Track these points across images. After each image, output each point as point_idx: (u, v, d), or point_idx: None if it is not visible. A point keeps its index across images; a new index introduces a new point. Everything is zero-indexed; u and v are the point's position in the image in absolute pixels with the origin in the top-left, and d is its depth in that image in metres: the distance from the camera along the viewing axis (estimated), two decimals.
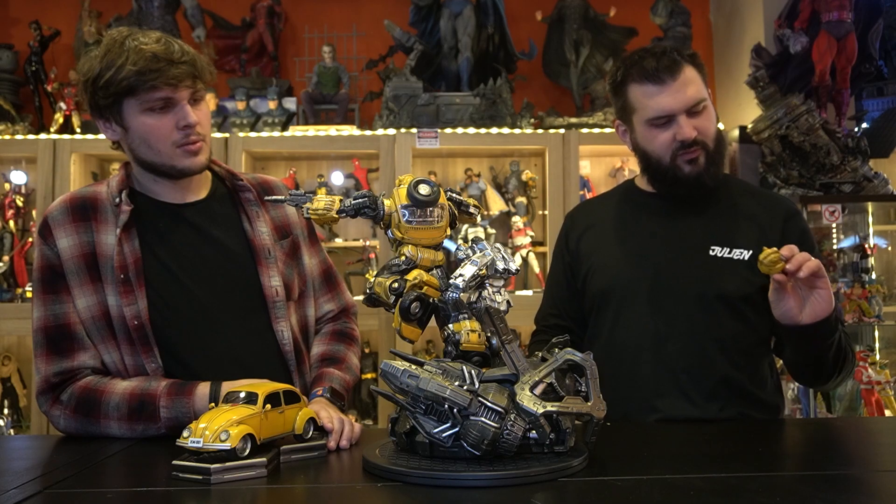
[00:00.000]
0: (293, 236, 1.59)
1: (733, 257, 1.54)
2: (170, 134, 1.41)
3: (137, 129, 1.43)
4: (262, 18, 3.51)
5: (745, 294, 1.52)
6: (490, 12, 3.34)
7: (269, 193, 1.58)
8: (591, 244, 1.69)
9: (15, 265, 3.22)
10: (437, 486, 0.97)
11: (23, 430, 3.16)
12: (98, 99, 1.41)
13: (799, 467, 1.14)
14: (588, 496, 0.97)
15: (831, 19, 2.97)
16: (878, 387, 2.76)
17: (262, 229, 1.53)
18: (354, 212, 1.12)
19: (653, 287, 1.56)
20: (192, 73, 1.40)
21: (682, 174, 1.56)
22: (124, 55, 1.36)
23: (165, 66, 1.36)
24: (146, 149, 1.44)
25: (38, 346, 1.41)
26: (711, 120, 1.58)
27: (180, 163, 1.44)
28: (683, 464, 1.14)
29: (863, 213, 3.18)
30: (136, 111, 1.41)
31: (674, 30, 3.32)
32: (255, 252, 1.50)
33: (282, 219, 1.59)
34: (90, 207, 1.46)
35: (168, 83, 1.37)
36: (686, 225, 1.60)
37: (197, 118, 1.42)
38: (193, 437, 1.03)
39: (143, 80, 1.36)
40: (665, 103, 1.54)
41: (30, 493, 0.96)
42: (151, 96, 1.38)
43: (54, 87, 3.38)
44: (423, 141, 3.12)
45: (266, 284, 1.49)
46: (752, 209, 1.60)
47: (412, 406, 1.01)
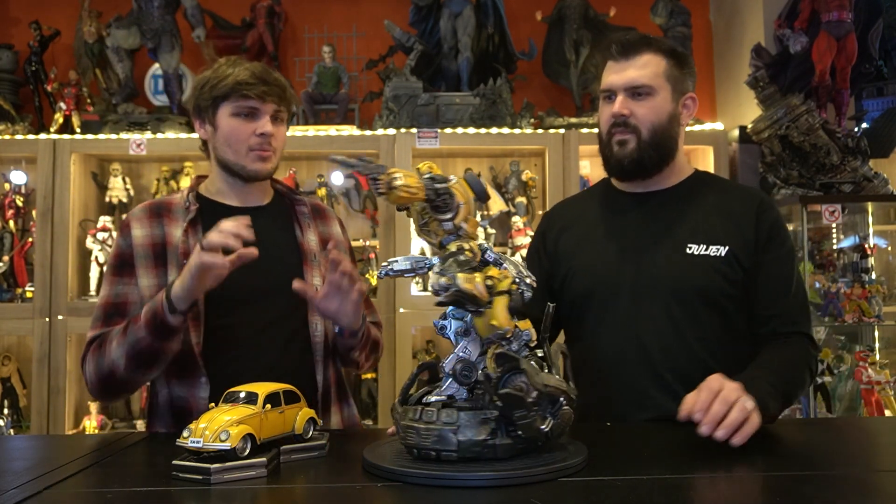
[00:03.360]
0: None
1: (710, 254, 1.54)
2: (248, 138, 1.67)
3: (223, 129, 1.68)
4: (262, 18, 3.51)
5: (724, 290, 1.53)
6: (490, 12, 3.34)
7: (321, 216, 1.86)
8: (569, 246, 1.69)
9: (15, 265, 3.22)
10: (437, 486, 0.97)
11: (23, 430, 3.16)
12: (199, 100, 1.70)
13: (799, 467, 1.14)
14: (588, 496, 0.97)
15: (831, 19, 2.97)
16: (878, 387, 2.75)
17: (310, 237, 1.77)
18: (435, 196, 1.05)
19: (633, 287, 1.57)
20: (279, 94, 1.68)
21: (611, 154, 1.61)
22: (231, 69, 1.66)
23: (259, 83, 1.65)
24: (226, 148, 1.69)
25: (96, 319, 1.65)
26: (654, 111, 1.57)
27: (251, 165, 1.68)
28: (683, 464, 1.14)
29: (863, 213, 3.18)
30: (226, 113, 1.67)
31: (674, 30, 3.31)
32: (303, 255, 1.74)
33: (327, 233, 1.84)
34: (164, 209, 1.73)
35: (257, 96, 1.65)
36: (663, 223, 1.60)
37: (273, 132, 1.68)
38: (193, 437, 1.03)
39: (238, 89, 1.64)
40: (610, 78, 1.60)
41: (30, 493, 0.96)
42: (241, 103, 1.65)
43: (54, 87, 3.38)
44: (423, 141, 3.12)
45: (309, 282, 1.69)
46: (728, 204, 1.60)
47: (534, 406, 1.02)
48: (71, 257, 3.10)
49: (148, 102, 3.49)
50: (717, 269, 1.53)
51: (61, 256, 3.07)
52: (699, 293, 1.53)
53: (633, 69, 1.57)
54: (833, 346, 3.05)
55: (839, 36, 2.97)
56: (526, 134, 3.19)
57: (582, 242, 1.68)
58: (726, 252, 1.53)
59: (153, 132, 3.22)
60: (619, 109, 1.57)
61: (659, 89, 1.57)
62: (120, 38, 3.28)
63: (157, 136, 3.19)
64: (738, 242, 1.54)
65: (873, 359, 2.86)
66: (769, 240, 1.54)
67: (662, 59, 1.58)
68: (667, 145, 1.60)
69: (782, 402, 1.37)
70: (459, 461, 1.02)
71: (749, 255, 1.53)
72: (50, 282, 3.06)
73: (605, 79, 1.62)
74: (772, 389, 1.32)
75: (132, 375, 1.54)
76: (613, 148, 1.59)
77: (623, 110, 1.57)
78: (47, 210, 3.08)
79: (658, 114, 1.57)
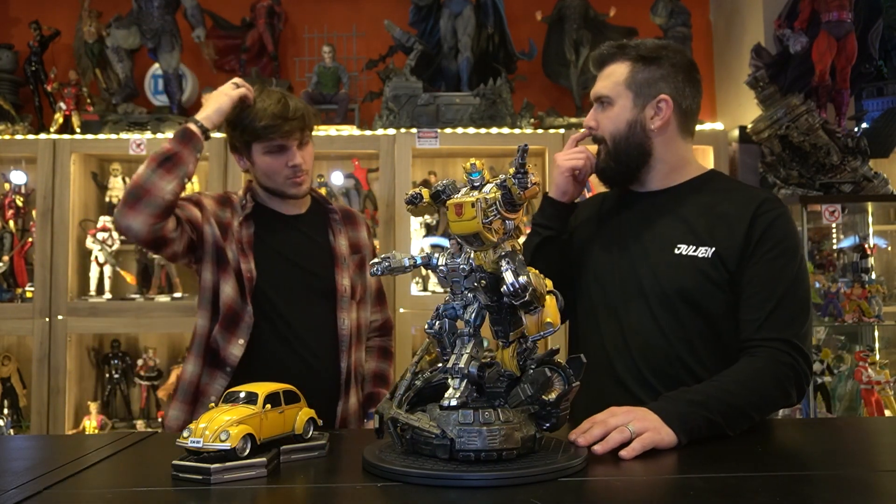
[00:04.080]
0: (362, 254, 2.06)
1: (697, 255, 1.50)
2: (282, 170, 1.91)
3: (260, 165, 1.94)
4: (262, 18, 3.51)
5: (707, 292, 1.50)
6: (490, 12, 3.34)
7: (351, 222, 2.08)
8: (574, 242, 1.73)
9: (15, 265, 3.22)
10: (437, 486, 0.97)
11: (23, 430, 3.16)
12: (234, 140, 1.96)
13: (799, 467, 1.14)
14: (588, 496, 0.97)
15: (831, 19, 2.97)
16: (878, 387, 2.76)
17: (342, 242, 2.02)
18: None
19: (622, 287, 1.57)
20: (301, 126, 1.91)
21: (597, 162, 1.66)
22: (256, 113, 1.88)
23: (281, 122, 1.87)
24: (266, 178, 1.95)
25: None
26: (612, 120, 1.60)
27: (288, 190, 1.95)
28: (683, 464, 1.14)
29: (863, 213, 3.18)
30: (259, 152, 1.92)
31: (674, 30, 3.31)
32: (335, 257, 1.98)
33: (356, 239, 2.06)
34: (226, 199, 1.99)
35: (282, 136, 1.88)
36: (658, 224, 1.60)
37: (302, 159, 1.92)
38: (193, 437, 1.03)
39: (265, 132, 1.88)
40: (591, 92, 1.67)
41: (30, 493, 0.96)
42: (270, 143, 1.89)
43: (54, 87, 3.38)
44: (422, 141, 3.12)
45: (339, 282, 1.96)
46: (725, 206, 1.56)
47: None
48: (71, 257, 3.10)
49: (148, 102, 3.49)
50: (702, 270, 1.50)
51: (61, 256, 3.07)
52: (682, 294, 1.51)
53: (600, 81, 1.63)
54: (833, 346, 3.05)
55: (839, 36, 2.97)
56: (526, 134, 3.19)
57: (584, 242, 1.70)
58: (712, 253, 1.50)
59: (153, 132, 3.22)
60: (587, 122, 1.64)
61: (617, 98, 1.59)
62: (120, 38, 3.28)
63: (157, 136, 3.19)
64: (726, 244, 1.50)
65: (873, 359, 2.86)
66: (760, 242, 1.49)
67: (627, 65, 1.59)
68: (630, 153, 1.60)
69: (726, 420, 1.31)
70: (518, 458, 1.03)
71: (736, 258, 1.49)
72: (50, 282, 3.06)
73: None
74: (693, 409, 1.29)
75: (151, 177, 1.75)
76: (600, 156, 1.65)
77: (590, 122, 1.64)
78: (47, 210, 3.08)
79: (616, 122, 1.60)
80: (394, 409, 1.09)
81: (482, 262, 1.08)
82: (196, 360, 1.90)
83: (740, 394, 1.36)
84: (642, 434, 1.21)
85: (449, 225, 1.04)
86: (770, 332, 1.44)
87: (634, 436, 1.20)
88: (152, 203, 1.74)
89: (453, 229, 1.04)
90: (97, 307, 3.10)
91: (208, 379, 1.87)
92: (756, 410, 1.37)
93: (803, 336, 1.46)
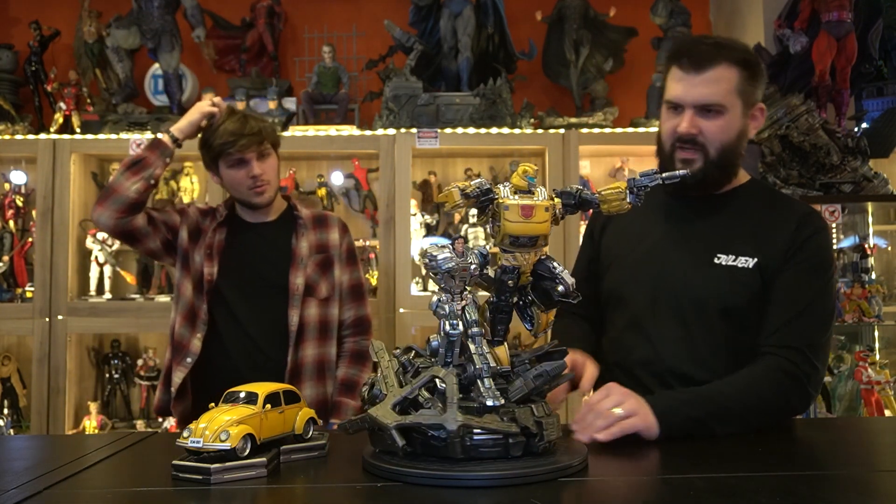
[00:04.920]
0: (328, 254, 2.23)
1: (737, 265, 1.48)
2: (244, 181, 2.15)
3: (225, 178, 2.19)
4: (262, 18, 3.51)
5: (744, 303, 1.48)
6: (490, 12, 3.34)
7: (322, 225, 2.26)
8: (610, 239, 1.69)
9: (15, 265, 3.22)
10: (437, 486, 0.97)
11: (23, 430, 3.16)
12: (205, 159, 2.22)
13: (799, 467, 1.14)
14: (588, 496, 0.98)
15: (831, 19, 2.97)
16: (878, 387, 2.76)
17: (303, 244, 2.20)
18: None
19: (655, 293, 1.55)
20: (257, 140, 2.14)
21: (673, 169, 1.50)
22: (215, 132, 2.15)
23: (237, 138, 2.11)
24: (233, 190, 2.21)
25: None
26: (724, 129, 1.49)
27: (252, 199, 2.18)
28: (683, 464, 1.14)
29: (863, 213, 3.18)
30: (224, 167, 2.17)
31: (674, 30, 3.31)
32: (292, 258, 2.18)
33: (324, 241, 2.24)
34: (209, 210, 2.27)
35: (239, 150, 2.12)
36: (697, 230, 1.56)
37: (261, 170, 2.15)
38: (193, 437, 1.03)
39: (224, 148, 2.13)
40: (677, 90, 1.51)
41: (30, 493, 0.96)
42: (230, 157, 2.14)
43: (54, 87, 3.38)
44: (422, 141, 3.12)
45: (291, 280, 2.15)
46: (767, 216, 1.52)
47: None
48: (71, 257, 3.10)
49: (148, 102, 3.49)
50: (741, 281, 1.47)
51: (61, 256, 3.07)
52: (717, 305, 1.48)
53: (704, 85, 1.48)
54: (833, 346, 3.05)
55: (839, 36, 2.97)
56: (526, 134, 3.19)
57: (620, 239, 1.66)
58: (754, 264, 1.47)
59: (153, 132, 3.21)
60: (688, 129, 1.49)
61: (731, 107, 1.49)
62: (120, 38, 3.28)
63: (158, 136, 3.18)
64: (768, 256, 1.47)
65: (873, 359, 2.86)
66: (795, 253, 1.47)
67: (735, 71, 1.49)
68: (733, 163, 1.54)
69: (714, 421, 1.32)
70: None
71: (773, 269, 1.47)
72: (50, 282, 3.06)
73: (671, 88, 1.53)
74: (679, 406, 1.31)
75: (120, 178, 2.08)
76: (676, 165, 1.51)
77: (692, 129, 1.49)
78: (47, 210, 3.08)
79: (728, 132, 1.50)
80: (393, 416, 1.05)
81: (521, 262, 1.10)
82: (169, 349, 2.19)
83: (733, 397, 1.36)
84: (628, 418, 1.24)
85: (504, 225, 1.06)
86: (784, 340, 1.43)
87: (620, 418, 1.24)
88: (118, 200, 2.07)
89: (512, 230, 1.06)
90: (97, 307, 3.10)
91: (176, 367, 2.12)
92: (750, 414, 1.36)
93: (817, 348, 1.44)
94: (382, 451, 1.08)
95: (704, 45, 1.50)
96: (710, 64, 1.48)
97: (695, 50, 1.50)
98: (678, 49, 1.54)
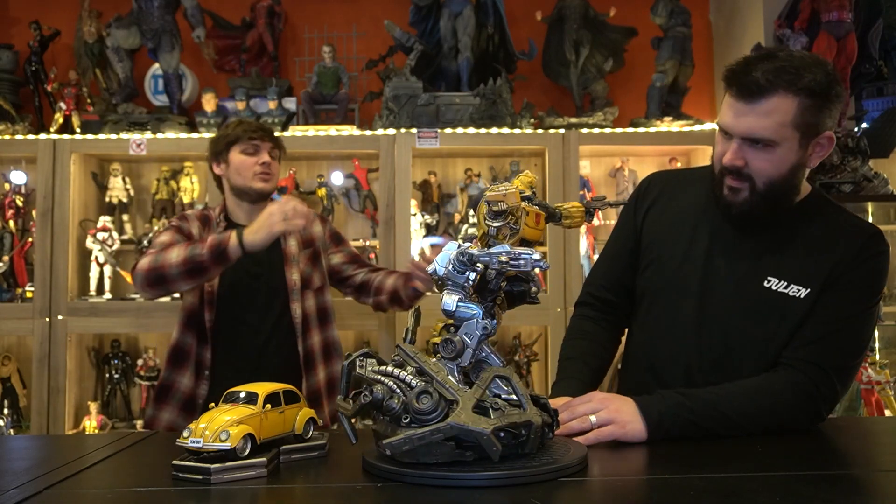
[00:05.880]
0: (315, 247, 2.40)
1: (788, 293, 1.39)
2: (252, 167, 2.30)
3: (234, 163, 2.31)
4: (262, 18, 3.51)
5: (787, 333, 1.40)
6: (490, 12, 3.34)
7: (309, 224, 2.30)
8: (656, 229, 1.59)
9: (15, 265, 3.22)
10: (437, 486, 0.97)
11: (23, 430, 3.16)
12: (217, 147, 2.34)
13: (799, 467, 1.14)
14: (588, 496, 0.97)
15: (831, 19, 2.97)
16: (878, 387, 2.76)
17: (291, 243, 2.34)
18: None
19: (697, 302, 1.48)
20: (273, 140, 2.36)
21: (720, 194, 1.45)
22: (237, 125, 2.34)
23: (258, 130, 2.33)
24: (237, 176, 2.31)
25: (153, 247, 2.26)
26: (773, 163, 1.37)
27: (255, 185, 2.30)
28: (683, 464, 1.14)
29: (863, 213, 3.18)
30: (236, 152, 2.31)
31: (674, 30, 3.32)
32: (285, 257, 2.32)
33: (308, 235, 2.39)
34: (206, 220, 2.36)
35: (258, 138, 2.32)
36: (750, 247, 1.46)
37: (270, 162, 2.32)
38: (193, 437, 1.03)
39: (245, 135, 2.31)
40: (726, 118, 1.39)
41: (30, 493, 0.96)
42: (248, 143, 2.31)
43: (54, 87, 3.38)
44: (422, 141, 3.12)
45: (288, 277, 2.31)
46: (825, 239, 1.42)
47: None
48: (71, 257, 3.10)
49: (148, 102, 3.50)
50: (787, 311, 1.40)
51: (61, 256, 3.07)
52: (758, 330, 1.42)
53: (755, 116, 1.34)
54: None
55: (839, 36, 2.97)
56: (526, 134, 3.19)
57: (668, 233, 1.57)
58: (806, 294, 1.39)
59: (153, 132, 3.22)
60: (733, 160, 1.38)
61: (783, 141, 1.35)
62: (120, 38, 3.28)
63: (157, 136, 3.19)
64: (823, 284, 1.39)
65: (873, 359, 2.86)
66: (849, 272, 1.38)
67: (795, 101, 1.33)
68: (785, 196, 1.43)
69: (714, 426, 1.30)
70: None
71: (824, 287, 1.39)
72: (50, 282, 3.06)
73: (722, 112, 1.41)
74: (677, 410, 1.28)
75: (176, 277, 2.09)
76: (724, 191, 1.43)
77: (737, 161, 1.38)
78: (47, 210, 3.08)
79: (778, 167, 1.38)
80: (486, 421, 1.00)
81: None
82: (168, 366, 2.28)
83: (738, 404, 1.32)
84: (604, 427, 1.24)
85: (523, 229, 1.11)
86: (808, 355, 1.38)
87: (595, 426, 1.24)
88: (167, 290, 2.16)
89: (530, 235, 1.13)
90: (97, 307, 3.10)
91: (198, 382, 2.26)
92: (752, 425, 1.33)
93: (841, 370, 1.38)
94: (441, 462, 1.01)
95: (761, 70, 1.33)
96: (763, 95, 1.33)
97: (747, 78, 1.34)
98: (732, 72, 1.38)
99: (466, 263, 1.05)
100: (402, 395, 1.02)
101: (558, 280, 3.08)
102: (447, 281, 1.07)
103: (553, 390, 1.51)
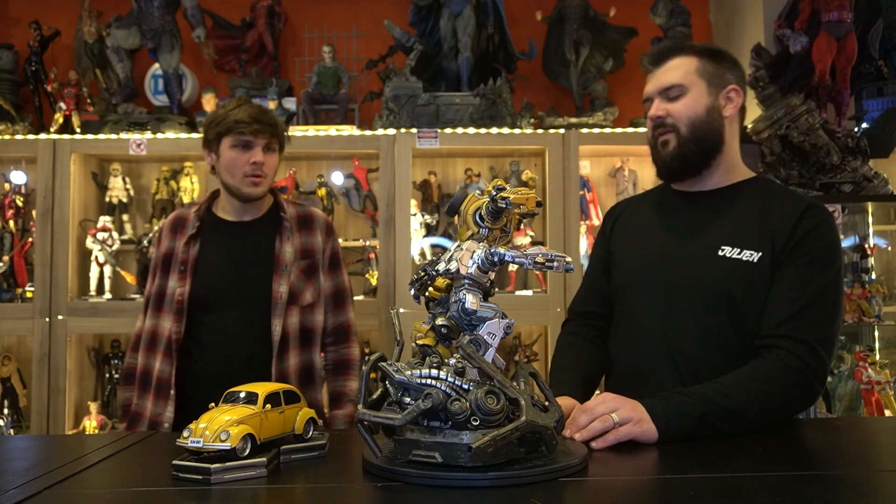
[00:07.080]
0: (313, 259, 2.12)
1: (742, 258, 1.51)
2: (243, 166, 2.04)
3: (224, 158, 2.06)
4: (262, 18, 3.51)
5: (749, 296, 1.50)
6: (490, 12, 3.34)
7: (306, 227, 2.15)
8: (620, 238, 1.75)
9: (15, 265, 3.22)
10: (437, 486, 0.97)
11: (23, 430, 3.16)
12: (208, 134, 2.09)
13: (799, 467, 1.14)
14: (588, 496, 0.98)
15: (831, 19, 2.97)
16: (878, 387, 2.75)
17: (287, 249, 2.08)
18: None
19: (664, 286, 1.58)
20: (269, 131, 2.06)
21: (657, 156, 1.65)
22: (232, 110, 2.04)
23: (253, 122, 2.02)
24: (227, 173, 2.07)
25: (144, 310, 2.13)
26: (689, 106, 1.60)
27: (245, 189, 2.06)
28: (683, 464, 1.14)
29: (863, 213, 3.18)
30: (227, 146, 2.05)
31: (674, 30, 3.31)
32: (276, 264, 2.05)
33: (309, 245, 2.13)
34: (180, 224, 2.14)
35: (252, 133, 2.03)
36: (703, 224, 1.60)
37: (263, 160, 2.05)
38: (193, 437, 1.03)
39: (236, 126, 2.02)
40: (646, 88, 1.66)
41: (30, 493, 0.96)
42: (238, 137, 2.03)
43: (54, 87, 3.38)
44: (422, 141, 3.12)
45: (275, 289, 2.03)
46: (770, 209, 1.56)
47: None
48: (71, 257, 3.10)
49: (148, 102, 3.50)
50: (745, 274, 1.50)
51: (61, 256, 3.07)
52: (723, 297, 1.51)
53: (663, 72, 1.63)
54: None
55: (839, 36, 2.97)
56: (526, 134, 3.19)
57: (629, 237, 1.72)
58: (759, 258, 1.50)
59: (153, 132, 3.22)
60: (655, 112, 1.62)
61: (691, 86, 1.60)
62: (120, 38, 3.28)
63: (157, 136, 3.19)
64: (773, 249, 1.50)
65: (873, 359, 2.86)
66: (798, 246, 1.49)
67: (693, 58, 1.62)
68: (709, 138, 1.61)
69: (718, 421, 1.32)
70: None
71: (777, 262, 1.50)
72: (50, 282, 3.06)
73: (644, 91, 1.67)
74: (681, 409, 1.30)
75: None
76: (659, 150, 1.63)
77: (658, 112, 1.62)
78: (47, 210, 3.08)
79: (694, 108, 1.60)
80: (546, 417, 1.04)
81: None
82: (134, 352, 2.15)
83: (737, 396, 1.35)
84: (623, 426, 1.25)
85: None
86: (789, 331, 1.43)
87: (617, 425, 1.24)
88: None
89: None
90: (97, 307, 3.10)
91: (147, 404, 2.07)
92: (755, 413, 1.36)
93: (823, 341, 1.43)
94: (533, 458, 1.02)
95: (663, 45, 1.70)
96: (667, 57, 1.63)
97: (653, 50, 1.67)
98: (643, 56, 1.70)
99: (496, 263, 1.05)
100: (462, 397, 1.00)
101: (558, 280, 3.08)
102: (465, 280, 1.06)
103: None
